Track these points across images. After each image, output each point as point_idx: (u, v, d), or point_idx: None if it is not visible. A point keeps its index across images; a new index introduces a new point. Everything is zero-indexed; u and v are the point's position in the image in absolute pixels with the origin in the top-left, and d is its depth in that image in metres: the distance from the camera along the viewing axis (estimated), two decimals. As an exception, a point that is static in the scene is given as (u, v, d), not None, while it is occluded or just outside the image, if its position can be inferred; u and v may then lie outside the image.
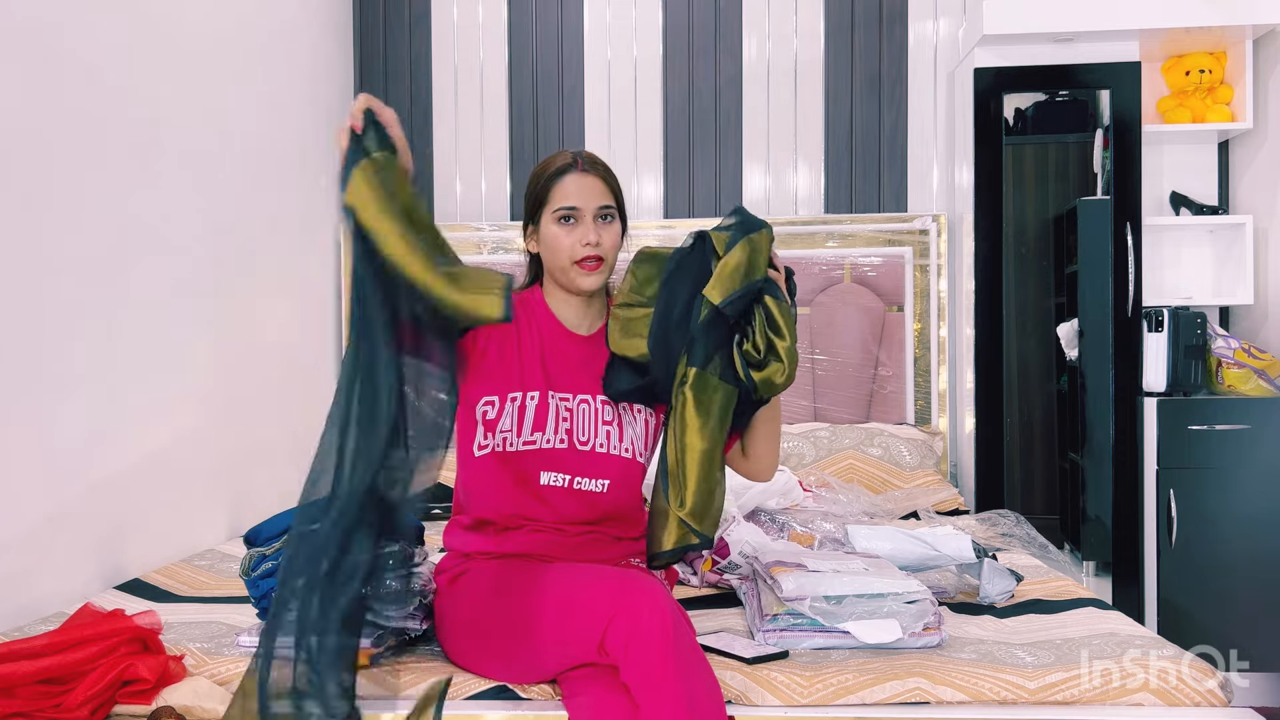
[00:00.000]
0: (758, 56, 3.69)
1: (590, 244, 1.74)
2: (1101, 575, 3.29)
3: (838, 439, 3.28)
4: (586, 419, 1.78)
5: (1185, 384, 3.19)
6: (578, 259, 1.75)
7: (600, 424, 1.78)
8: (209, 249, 2.71)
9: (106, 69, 2.28)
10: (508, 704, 1.62)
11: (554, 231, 1.76)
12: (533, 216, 1.80)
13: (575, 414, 1.78)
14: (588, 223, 1.75)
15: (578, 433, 1.77)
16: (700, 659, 1.51)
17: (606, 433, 1.78)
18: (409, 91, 3.76)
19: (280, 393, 3.16)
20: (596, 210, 1.77)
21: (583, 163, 1.78)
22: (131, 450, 2.34)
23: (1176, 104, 3.39)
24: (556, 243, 1.75)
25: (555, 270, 1.79)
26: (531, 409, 1.74)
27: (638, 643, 1.46)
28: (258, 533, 1.82)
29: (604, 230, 1.77)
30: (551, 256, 1.77)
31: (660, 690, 1.44)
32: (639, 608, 1.49)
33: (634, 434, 1.81)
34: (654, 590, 1.53)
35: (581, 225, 1.75)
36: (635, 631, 1.47)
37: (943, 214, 3.53)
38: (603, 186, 1.78)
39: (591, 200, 1.76)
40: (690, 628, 1.57)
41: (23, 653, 1.53)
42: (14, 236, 1.97)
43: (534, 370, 1.77)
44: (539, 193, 1.78)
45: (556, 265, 1.77)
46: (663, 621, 1.47)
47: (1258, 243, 3.33)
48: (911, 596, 1.75)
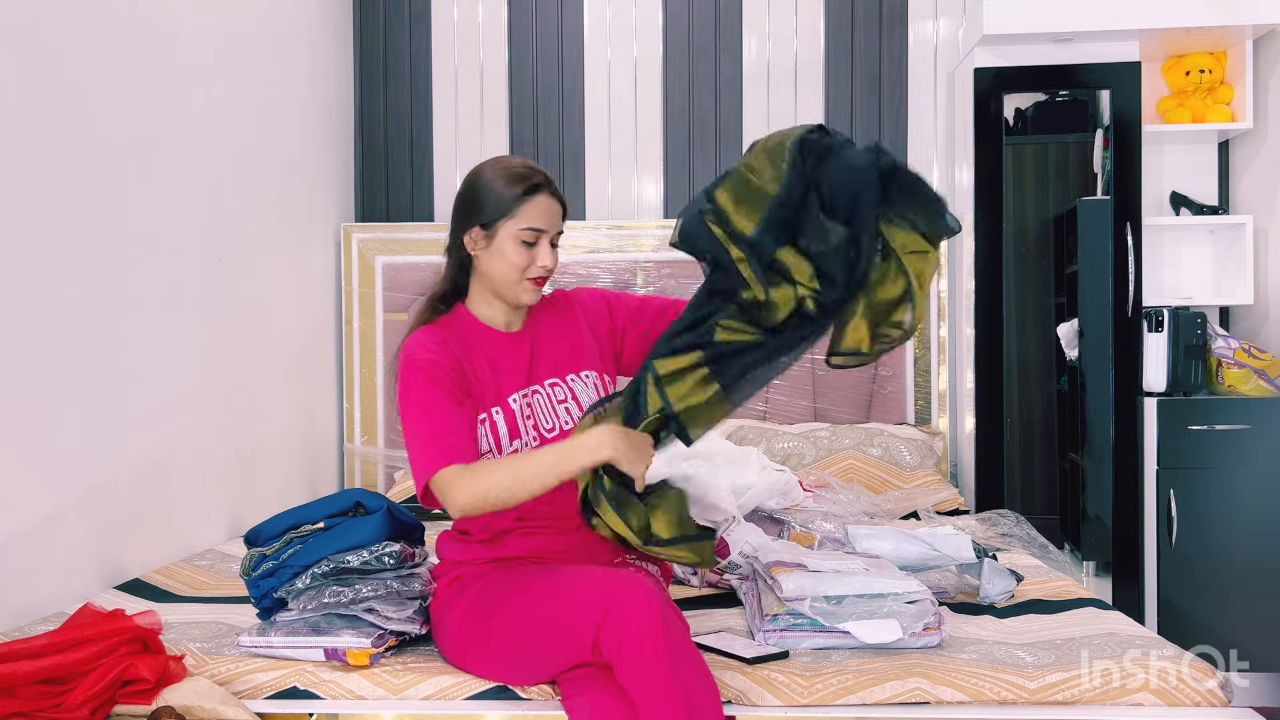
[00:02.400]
0: (758, 56, 3.69)
1: (546, 267, 1.77)
2: (1101, 575, 3.29)
3: (838, 439, 3.28)
4: (543, 406, 1.80)
5: (1185, 384, 3.19)
6: (531, 277, 1.77)
7: (555, 405, 1.80)
8: (209, 249, 2.71)
9: (106, 69, 2.27)
10: (508, 704, 1.62)
11: (513, 249, 1.74)
12: (486, 223, 1.76)
13: (534, 406, 1.79)
14: (546, 246, 1.77)
15: (542, 423, 1.79)
16: (693, 654, 1.52)
17: (565, 409, 1.80)
18: (409, 91, 3.76)
19: (280, 393, 3.16)
20: (555, 234, 1.79)
21: (552, 186, 1.79)
22: (131, 450, 2.34)
23: (1176, 104, 3.39)
24: (513, 259, 1.75)
25: (499, 282, 1.78)
26: (502, 422, 1.76)
27: (630, 641, 1.47)
28: (258, 533, 1.82)
29: (554, 255, 1.79)
30: (502, 270, 1.76)
31: (656, 687, 1.45)
32: (629, 606, 1.50)
33: (589, 398, 1.83)
34: (644, 587, 1.53)
35: (540, 247, 1.76)
36: (626, 630, 1.48)
37: (943, 214, 3.53)
38: (561, 211, 1.80)
39: (554, 224, 1.78)
40: (683, 623, 1.58)
41: (23, 653, 1.53)
42: (14, 236, 1.97)
43: (489, 385, 1.77)
44: (503, 204, 1.75)
45: (503, 278, 1.77)
46: (653, 618, 1.48)
47: (1258, 243, 3.33)
48: (912, 596, 1.76)
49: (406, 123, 3.76)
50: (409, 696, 1.65)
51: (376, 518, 1.76)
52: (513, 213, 1.74)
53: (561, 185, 3.69)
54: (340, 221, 3.65)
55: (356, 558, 1.72)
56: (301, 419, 3.32)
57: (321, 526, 1.77)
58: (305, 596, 1.71)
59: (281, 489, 3.12)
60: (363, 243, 3.61)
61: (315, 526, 1.78)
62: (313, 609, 1.71)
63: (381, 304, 3.61)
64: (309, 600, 1.71)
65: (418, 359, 1.73)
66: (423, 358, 1.73)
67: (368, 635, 1.69)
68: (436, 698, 1.65)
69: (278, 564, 1.75)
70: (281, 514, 1.83)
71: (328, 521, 1.78)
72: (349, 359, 3.61)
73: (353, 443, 3.60)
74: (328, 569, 1.71)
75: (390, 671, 1.68)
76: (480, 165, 1.82)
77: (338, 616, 1.71)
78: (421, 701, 1.64)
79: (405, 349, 1.77)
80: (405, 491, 3.20)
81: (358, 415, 3.60)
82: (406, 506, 2.29)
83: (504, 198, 1.75)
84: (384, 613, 1.72)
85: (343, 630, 1.69)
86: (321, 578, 1.72)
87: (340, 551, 1.72)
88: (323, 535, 1.75)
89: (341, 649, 1.68)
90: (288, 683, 1.67)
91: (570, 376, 1.83)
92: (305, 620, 1.71)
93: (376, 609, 1.71)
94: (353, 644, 1.68)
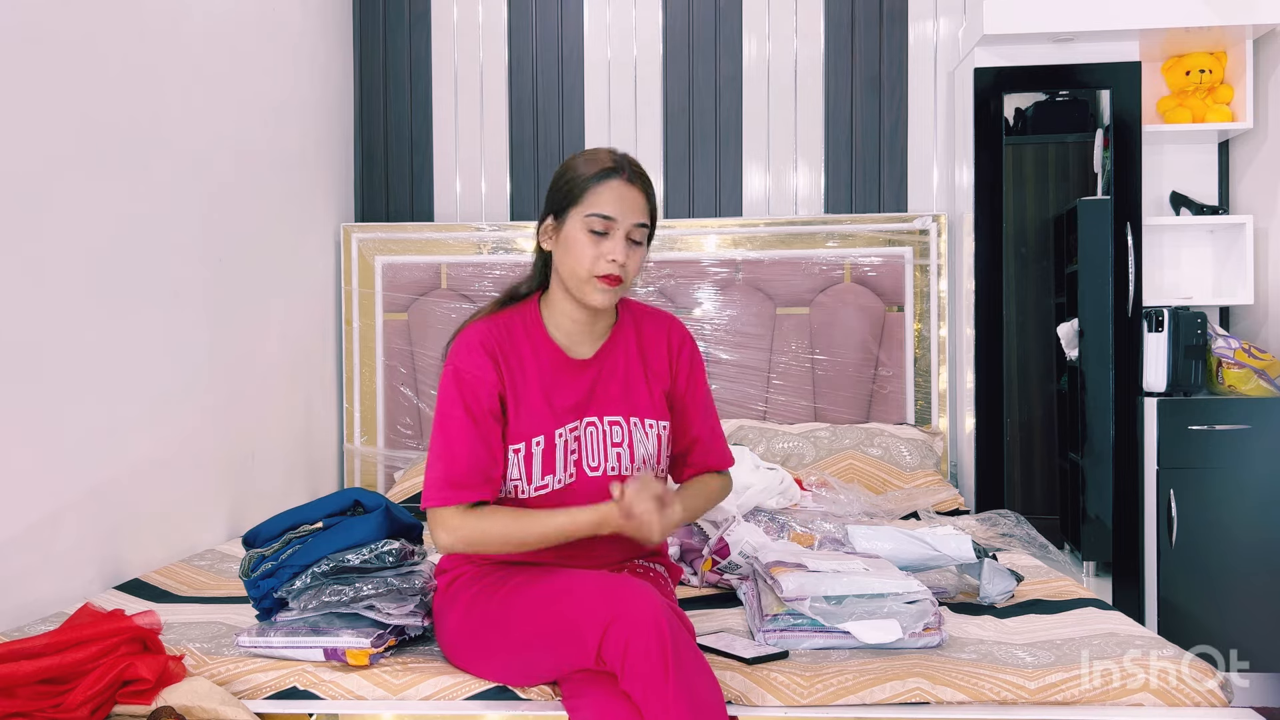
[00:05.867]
0: (758, 56, 3.69)
1: (616, 262, 1.64)
2: (1101, 575, 3.29)
3: (838, 439, 3.28)
4: (594, 443, 1.72)
5: (1185, 384, 3.19)
6: (599, 274, 1.64)
7: (609, 447, 1.72)
8: (209, 249, 2.71)
9: (106, 69, 2.27)
10: (508, 704, 1.62)
11: (581, 238, 1.64)
12: (558, 211, 1.67)
13: (583, 440, 1.71)
14: (619, 238, 1.64)
15: (586, 459, 1.72)
16: (700, 661, 1.49)
17: (617, 455, 1.72)
18: (409, 91, 3.76)
19: (280, 393, 3.16)
20: (631, 226, 1.66)
21: (629, 171, 1.67)
22: (131, 450, 2.34)
23: (1176, 104, 3.39)
24: (580, 250, 1.64)
25: (569, 277, 1.68)
26: (539, 455, 1.69)
27: (635, 652, 1.44)
28: (257, 533, 1.82)
29: (631, 253, 1.66)
30: (572, 262, 1.66)
31: (664, 699, 1.42)
32: (634, 616, 1.46)
33: (646, 452, 1.74)
34: (648, 597, 1.50)
35: (611, 239, 1.64)
36: (632, 641, 1.44)
37: (943, 214, 3.53)
38: (644, 203, 1.68)
39: (629, 215, 1.65)
40: (689, 631, 1.56)
41: (23, 653, 1.53)
42: (14, 236, 1.97)
43: (539, 412, 1.69)
44: (573, 189, 1.65)
45: (573, 273, 1.66)
46: (659, 629, 1.45)
47: (1258, 243, 3.32)
48: (912, 596, 1.75)
49: (406, 123, 3.76)
50: (409, 696, 1.65)
51: (375, 516, 1.76)
52: (581, 199, 1.64)
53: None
54: (340, 221, 3.65)
55: (356, 556, 1.72)
56: (301, 419, 3.32)
57: (320, 526, 1.77)
58: (305, 596, 1.71)
59: (281, 489, 3.12)
60: (362, 243, 3.61)
61: (314, 526, 1.78)
62: (313, 608, 1.70)
63: (381, 304, 3.62)
64: (309, 599, 1.71)
65: (461, 369, 1.67)
66: (466, 370, 1.66)
67: (367, 635, 1.68)
68: (436, 698, 1.64)
69: (277, 564, 1.75)
70: (280, 514, 1.83)
71: (326, 521, 1.78)
72: (349, 359, 3.61)
73: (353, 443, 3.60)
74: (327, 568, 1.71)
75: (390, 671, 1.68)
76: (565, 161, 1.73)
77: (337, 616, 1.71)
78: (421, 701, 1.64)
79: (457, 344, 1.70)
80: (405, 491, 3.20)
81: (357, 415, 3.60)
82: (406, 507, 2.30)
83: (574, 184, 1.64)
84: (385, 610, 1.72)
85: (342, 630, 1.69)
86: (321, 577, 1.71)
87: (339, 550, 1.72)
88: (322, 535, 1.75)
89: (341, 649, 1.68)
90: (287, 683, 1.67)
91: (635, 420, 1.73)
92: (305, 620, 1.71)
93: (377, 606, 1.71)
94: (352, 644, 1.68)
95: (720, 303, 3.54)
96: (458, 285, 3.60)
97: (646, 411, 1.76)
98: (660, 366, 1.80)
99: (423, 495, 1.67)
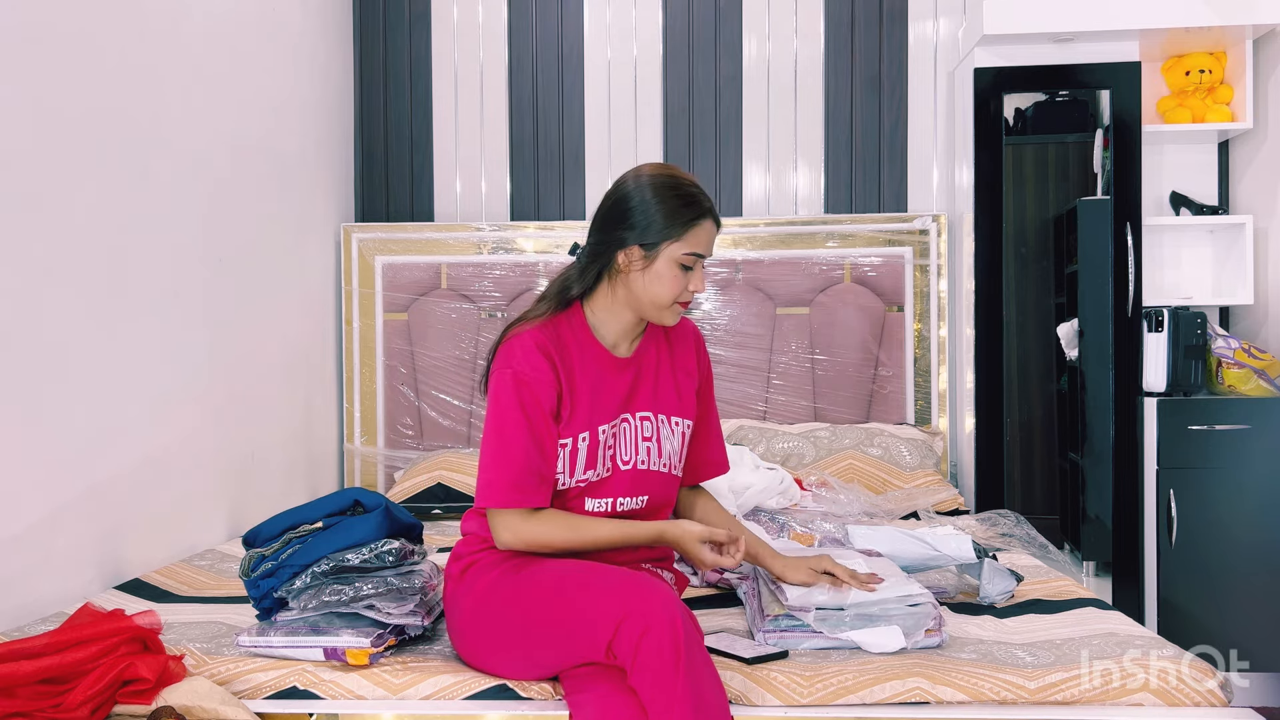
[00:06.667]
0: (758, 56, 3.69)
1: (697, 291, 1.76)
2: (1101, 575, 3.29)
3: (838, 439, 3.28)
4: (627, 438, 1.79)
5: (1185, 384, 3.19)
6: (682, 301, 1.76)
7: (640, 441, 1.80)
8: (209, 249, 2.71)
9: (106, 68, 2.27)
10: (508, 704, 1.62)
11: (673, 272, 1.72)
12: (649, 244, 1.72)
13: (618, 436, 1.79)
14: (700, 270, 1.76)
15: (620, 453, 1.79)
16: (707, 661, 1.51)
17: (646, 449, 1.80)
18: (409, 91, 3.76)
19: (280, 393, 3.16)
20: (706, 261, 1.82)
21: (715, 209, 1.78)
22: (131, 450, 2.34)
23: (1176, 104, 3.39)
24: (670, 283, 1.73)
25: (647, 303, 1.75)
26: (584, 450, 1.75)
27: (648, 647, 1.46)
28: (257, 533, 1.82)
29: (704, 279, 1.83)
30: (657, 292, 1.73)
31: (672, 696, 1.43)
32: (650, 612, 1.48)
33: (671, 448, 1.83)
34: (665, 594, 1.52)
35: (696, 272, 1.75)
36: (647, 636, 1.46)
37: (943, 214, 3.53)
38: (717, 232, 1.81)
39: (712, 249, 1.79)
40: (699, 632, 1.56)
41: (23, 653, 1.53)
42: (14, 236, 1.97)
43: (583, 410, 1.75)
44: (676, 224, 1.71)
45: (654, 301, 1.74)
46: (674, 627, 1.47)
47: (1258, 243, 3.33)
48: (914, 600, 1.75)
49: (406, 123, 3.76)
50: (409, 696, 1.65)
51: (375, 516, 1.76)
52: (680, 236, 1.72)
53: (560, 185, 3.73)
54: (340, 221, 3.65)
55: (356, 556, 1.72)
56: (301, 419, 3.32)
57: (320, 526, 1.77)
58: (305, 595, 1.71)
59: (281, 489, 3.12)
60: (363, 243, 3.61)
61: (314, 526, 1.78)
62: (313, 608, 1.70)
63: (381, 304, 3.62)
64: (309, 599, 1.71)
65: (519, 371, 1.71)
66: (523, 370, 1.71)
67: (367, 635, 1.68)
68: (436, 697, 1.64)
69: (277, 564, 1.75)
70: (280, 514, 1.83)
71: (326, 521, 1.78)
72: (349, 359, 3.61)
73: (353, 443, 3.60)
74: (327, 568, 1.71)
75: (390, 671, 1.68)
76: (641, 177, 1.75)
77: (337, 616, 1.71)
78: (421, 701, 1.64)
79: (509, 346, 1.74)
80: (405, 492, 3.20)
81: (357, 415, 3.60)
82: (406, 507, 2.30)
83: (673, 220, 1.72)
84: (385, 609, 1.72)
85: (342, 630, 1.69)
86: (321, 576, 1.71)
87: (339, 550, 1.72)
88: (321, 534, 1.75)
89: (341, 649, 1.68)
90: (287, 683, 1.67)
91: (662, 416, 1.83)
92: (305, 620, 1.71)
93: (377, 606, 1.71)
94: (352, 644, 1.68)
95: (720, 303, 3.54)
96: (458, 285, 3.60)
97: (674, 409, 1.85)
98: (689, 363, 1.90)
99: (479, 493, 1.71)
